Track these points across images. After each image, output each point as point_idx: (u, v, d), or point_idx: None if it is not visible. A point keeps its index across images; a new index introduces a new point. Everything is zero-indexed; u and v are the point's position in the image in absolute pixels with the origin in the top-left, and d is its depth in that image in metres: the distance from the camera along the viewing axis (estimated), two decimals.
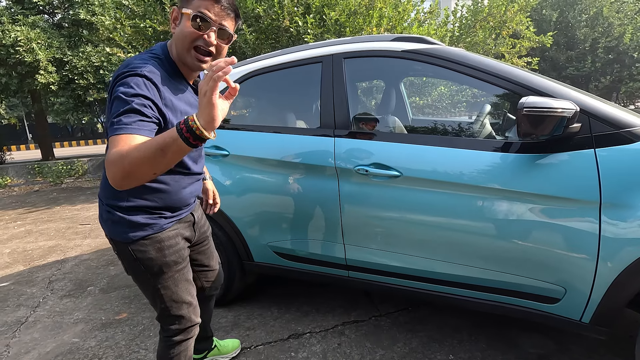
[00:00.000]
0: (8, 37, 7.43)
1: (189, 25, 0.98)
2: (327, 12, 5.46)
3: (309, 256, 1.84)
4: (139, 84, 0.92)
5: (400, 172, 1.52)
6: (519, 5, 7.12)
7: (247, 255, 2.02)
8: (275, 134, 1.86)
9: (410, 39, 1.66)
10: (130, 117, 0.88)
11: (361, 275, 1.75)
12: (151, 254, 1.09)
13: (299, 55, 1.87)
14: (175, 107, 0.99)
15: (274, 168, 1.83)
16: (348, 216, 1.66)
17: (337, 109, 1.71)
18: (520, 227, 1.37)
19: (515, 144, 1.39)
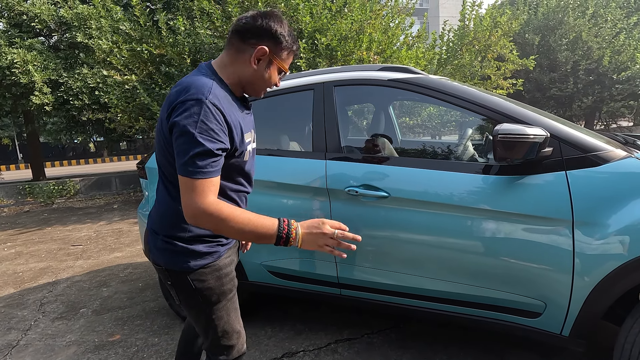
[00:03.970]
0: (4, 60, 7.53)
1: (275, 75, 1.06)
2: (318, 37, 5.68)
3: (302, 275, 1.89)
4: (207, 114, 0.90)
5: (388, 193, 1.60)
6: (502, 31, 7.47)
7: (241, 275, 2.06)
8: (270, 157, 1.95)
9: (395, 69, 1.78)
10: (204, 160, 0.90)
11: (353, 293, 1.80)
12: (210, 283, 1.06)
13: (291, 82, 1.98)
14: (235, 123, 0.99)
15: (267, 189, 1.90)
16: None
17: (328, 133, 1.80)
18: (502, 245, 1.45)
19: (495, 166, 1.49)
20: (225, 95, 0.99)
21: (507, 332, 1.52)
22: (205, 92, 0.93)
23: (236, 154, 1.01)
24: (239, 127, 1.01)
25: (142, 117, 6.34)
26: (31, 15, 8.17)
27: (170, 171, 1.01)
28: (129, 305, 2.67)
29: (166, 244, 1.05)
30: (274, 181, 1.89)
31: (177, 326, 2.31)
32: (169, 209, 1.04)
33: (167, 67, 6.34)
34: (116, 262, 3.73)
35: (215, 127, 0.92)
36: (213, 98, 0.93)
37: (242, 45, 1.01)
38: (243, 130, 1.03)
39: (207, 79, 0.98)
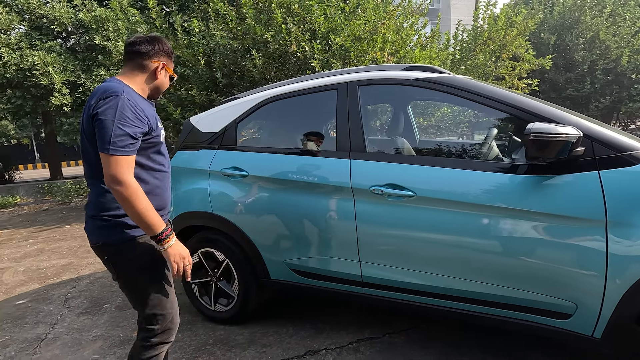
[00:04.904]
0: (26, 62, 7.74)
1: (168, 80, 1.43)
2: (332, 38, 5.69)
3: (325, 273, 1.90)
4: (124, 106, 1.17)
5: (414, 192, 1.60)
6: (518, 30, 7.37)
7: (264, 273, 2.09)
8: (293, 156, 1.97)
9: (420, 68, 1.78)
10: (122, 141, 1.15)
11: (376, 292, 1.80)
12: (142, 251, 1.25)
13: (314, 82, 2.00)
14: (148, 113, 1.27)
15: (291, 188, 1.92)
16: (363, 234, 1.74)
17: (352, 132, 1.81)
18: (531, 245, 1.44)
19: (523, 165, 1.48)
20: (137, 95, 1.28)
21: (535, 333, 1.50)
22: (120, 90, 1.20)
23: (153, 133, 1.28)
24: (153, 116, 1.31)
25: None
26: (51, 18, 8.38)
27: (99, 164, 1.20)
28: None
29: (103, 221, 1.24)
30: (296, 180, 1.90)
31: (198, 322, 2.34)
32: (101, 193, 1.25)
33: (182, 68, 6.43)
34: None
35: (131, 115, 1.18)
36: (127, 94, 1.20)
37: (146, 63, 1.33)
38: (157, 119, 1.33)
39: (120, 84, 1.24)
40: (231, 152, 2.16)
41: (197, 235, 2.29)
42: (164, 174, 1.36)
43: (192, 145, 2.34)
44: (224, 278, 2.24)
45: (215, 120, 2.27)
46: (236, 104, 2.23)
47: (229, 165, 2.12)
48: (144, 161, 1.28)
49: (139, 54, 1.32)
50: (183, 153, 2.37)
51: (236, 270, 2.15)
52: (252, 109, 2.14)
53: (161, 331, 1.30)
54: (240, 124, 2.18)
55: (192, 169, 2.28)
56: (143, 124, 1.21)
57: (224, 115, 2.24)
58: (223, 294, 2.25)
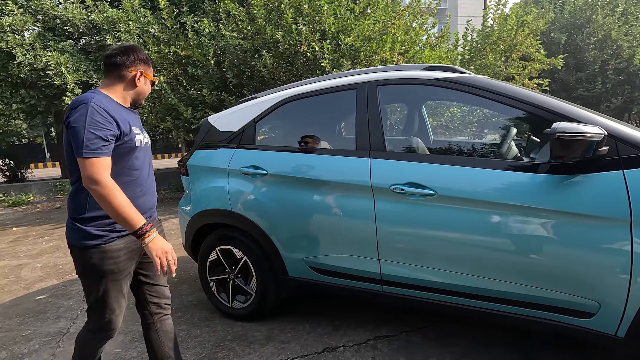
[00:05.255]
0: (39, 62, 7.87)
1: (149, 85, 1.52)
2: (342, 38, 5.71)
3: (344, 271, 1.92)
4: (93, 112, 1.24)
5: (434, 191, 1.62)
6: (530, 29, 7.32)
7: (282, 270, 2.11)
8: (313, 155, 1.99)
9: (440, 68, 1.80)
10: (94, 144, 1.23)
11: (395, 290, 1.82)
12: (94, 261, 1.33)
13: (333, 82, 2.02)
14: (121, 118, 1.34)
15: (311, 186, 1.95)
16: (383, 232, 1.76)
17: (372, 131, 1.83)
18: (554, 244, 1.44)
19: (545, 165, 1.48)
20: (110, 102, 1.34)
21: (557, 332, 1.51)
22: (90, 98, 1.27)
23: (126, 138, 1.34)
24: (127, 121, 1.35)
25: (168, 117, 6.50)
26: (64, 19, 8.50)
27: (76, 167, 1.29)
28: None
29: (71, 224, 1.36)
30: (315, 178, 1.93)
31: (216, 319, 2.38)
32: (73, 197, 1.36)
33: (193, 68, 6.49)
34: None
35: (101, 120, 1.25)
36: (97, 101, 1.27)
37: (123, 72, 1.40)
38: (131, 124, 1.37)
39: (92, 94, 1.32)
40: (250, 151, 2.19)
41: (215, 232, 2.33)
42: (139, 179, 1.42)
43: (210, 144, 2.37)
44: (242, 275, 2.27)
45: (234, 120, 2.31)
46: (254, 104, 2.26)
47: (247, 164, 2.15)
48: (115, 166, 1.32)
49: (116, 66, 1.40)
50: (201, 152, 2.41)
51: (254, 267, 2.18)
52: (271, 108, 2.16)
53: (100, 329, 1.41)
54: (259, 123, 2.21)
55: (211, 168, 2.31)
56: (113, 126, 1.28)
57: (243, 115, 2.28)
58: (240, 291, 2.28)
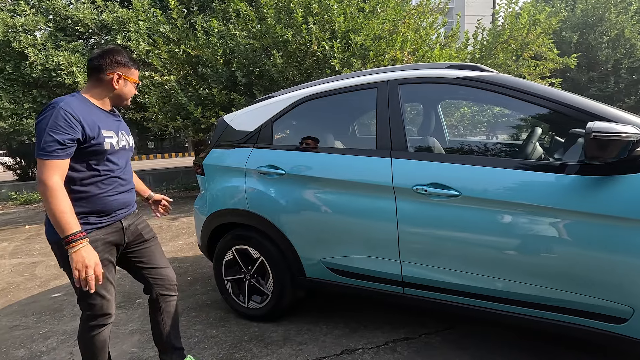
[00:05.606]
0: (51, 62, 7.94)
1: (132, 87, 1.55)
2: (352, 37, 5.68)
3: (364, 272, 1.90)
4: (57, 116, 1.30)
5: (459, 192, 1.59)
6: (542, 28, 7.22)
7: (299, 271, 2.09)
8: (332, 155, 1.97)
9: (464, 67, 1.76)
10: (51, 147, 1.28)
11: (417, 292, 1.79)
12: None
13: (352, 81, 1.99)
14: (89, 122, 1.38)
15: (330, 187, 1.93)
16: (405, 233, 1.73)
17: (393, 131, 1.81)
18: (585, 247, 1.41)
19: (574, 165, 1.45)
20: (81, 105, 1.39)
21: (588, 337, 1.47)
22: (59, 102, 1.33)
23: (93, 141, 1.38)
24: (96, 125, 1.39)
25: (178, 117, 6.53)
26: (75, 19, 8.57)
27: None
28: (181, 298, 2.76)
29: (48, 221, 1.39)
30: (335, 179, 1.90)
31: (232, 319, 2.37)
32: None
33: (203, 68, 6.51)
34: None
35: (63, 124, 1.29)
36: (64, 105, 1.32)
37: (101, 76, 1.46)
38: (101, 128, 1.41)
39: (67, 97, 1.37)
40: (267, 150, 2.17)
41: (231, 232, 2.32)
42: (112, 180, 1.48)
43: (226, 144, 2.36)
44: (258, 275, 2.26)
45: (251, 119, 2.29)
46: (272, 103, 2.25)
47: (265, 163, 2.14)
48: (82, 167, 1.40)
49: (93, 69, 1.46)
50: (217, 151, 2.40)
51: (271, 268, 2.17)
52: (289, 107, 2.15)
53: (93, 316, 1.48)
54: (276, 123, 2.20)
55: (227, 167, 2.30)
56: (74, 131, 1.32)
57: (260, 114, 2.26)
58: (257, 291, 2.27)
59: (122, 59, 1.49)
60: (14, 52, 8.26)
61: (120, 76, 1.48)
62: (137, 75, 1.56)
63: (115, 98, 1.52)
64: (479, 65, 1.74)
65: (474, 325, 2.11)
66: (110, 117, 1.51)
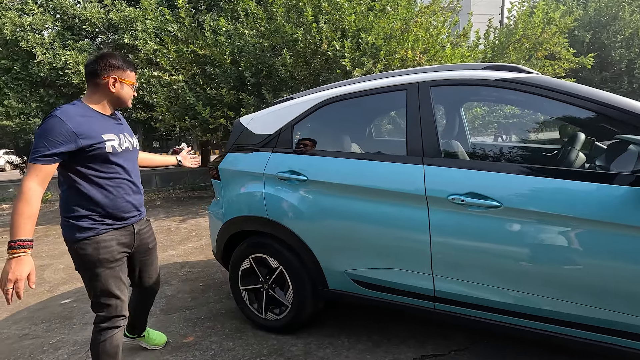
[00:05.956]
0: (59, 61, 7.90)
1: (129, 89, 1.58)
2: (363, 36, 5.57)
3: (391, 286, 1.79)
4: (53, 125, 1.36)
5: (500, 203, 1.48)
6: (557, 27, 7.06)
7: (321, 282, 1.99)
8: (358, 160, 1.86)
9: (502, 68, 1.65)
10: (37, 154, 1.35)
11: (449, 308, 1.68)
12: (89, 251, 1.47)
13: (379, 83, 1.89)
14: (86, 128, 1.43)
15: (356, 194, 1.82)
16: (439, 246, 1.62)
17: (425, 136, 1.70)
18: (634, 264, 1.29)
19: (628, 175, 1.33)
20: (78, 111, 1.45)
21: None
22: (57, 111, 1.40)
23: (94, 146, 1.44)
24: (95, 131, 1.45)
25: (186, 117, 6.45)
26: (83, 18, 8.52)
27: (60, 170, 1.46)
28: (194, 306, 2.67)
29: (65, 221, 1.50)
30: (361, 186, 1.80)
31: (249, 330, 2.27)
32: (64, 196, 1.50)
33: (212, 67, 6.42)
34: (172, 260, 3.78)
35: (54, 133, 1.35)
36: (61, 114, 1.39)
37: (97, 80, 1.51)
38: (100, 132, 1.47)
39: (66, 105, 1.45)
40: (288, 155, 2.07)
41: (248, 240, 2.22)
42: (119, 182, 1.54)
43: (243, 147, 2.26)
44: (277, 285, 2.16)
45: (269, 122, 2.19)
46: (292, 105, 2.14)
47: (285, 168, 2.03)
48: (89, 171, 1.46)
49: (89, 75, 1.52)
50: (233, 155, 2.30)
51: (291, 278, 2.07)
52: (311, 110, 2.04)
53: (107, 319, 1.55)
54: (297, 126, 2.09)
55: (245, 172, 2.20)
56: (66, 140, 1.37)
57: (279, 117, 2.16)
58: (275, 302, 2.17)
59: (116, 62, 1.52)
60: (22, 51, 8.22)
61: (115, 79, 1.51)
62: (133, 77, 1.58)
63: (114, 101, 1.57)
64: (518, 66, 1.63)
65: (505, 340, 2.00)
66: (110, 120, 1.56)
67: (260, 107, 6.18)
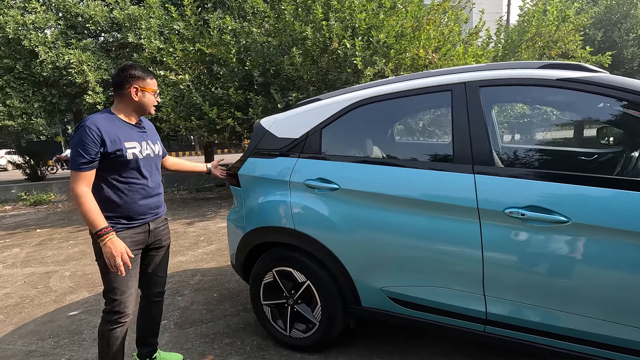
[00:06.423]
0: (61, 60, 7.75)
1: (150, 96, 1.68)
2: (374, 35, 5.40)
3: (435, 306, 1.63)
4: (84, 133, 1.49)
5: (568, 218, 1.32)
6: (574, 25, 6.88)
7: (353, 299, 1.84)
8: (396, 167, 1.70)
9: (563, 66, 1.49)
10: (78, 161, 1.49)
11: (502, 332, 1.53)
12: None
13: (419, 83, 1.73)
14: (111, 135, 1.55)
15: (394, 205, 1.66)
16: (493, 264, 1.46)
17: (475, 141, 1.54)
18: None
19: None
20: (106, 120, 1.58)
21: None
22: (86, 120, 1.53)
23: (118, 153, 1.56)
24: (118, 138, 1.56)
25: (193, 117, 6.29)
26: (86, 17, 8.37)
27: None
28: (210, 320, 2.52)
29: None
30: (401, 196, 1.64)
31: (271, 348, 2.12)
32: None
33: (218, 66, 6.26)
34: (182, 267, 3.63)
35: (87, 140, 1.49)
36: (89, 122, 1.52)
37: (122, 91, 1.62)
38: (123, 139, 1.58)
39: (96, 114, 1.58)
40: (316, 161, 1.91)
41: (272, 252, 2.06)
42: (139, 186, 1.64)
43: (266, 152, 2.11)
44: (303, 301, 2.00)
45: (295, 125, 2.03)
46: (319, 107, 1.99)
47: (313, 176, 1.88)
48: (110, 177, 1.59)
49: (114, 86, 1.63)
50: (255, 160, 2.14)
51: (319, 294, 1.91)
52: (342, 112, 1.88)
53: (113, 311, 1.63)
54: (326, 130, 1.93)
55: (268, 179, 2.05)
56: (97, 146, 1.50)
57: (306, 120, 2.00)
58: (301, 318, 2.02)
59: (136, 72, 1.62)
60: (24, 51, 8.06)
61: (137, 89, 1.62)
62: (154, 84, 1.67)
63: (137, 109, 1.67)
64: (582, 65, 1.47)
65: None
66: (134, 129, 1.67)
67: (269, 107, 6.02)
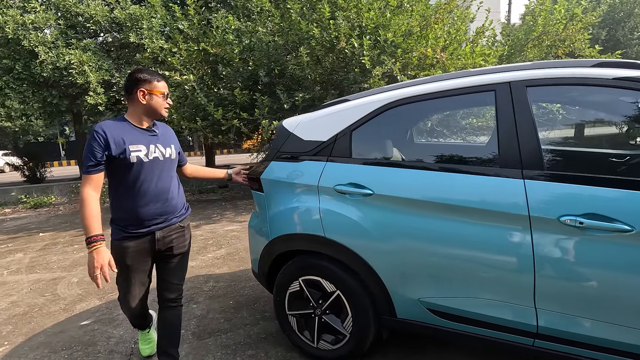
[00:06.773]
0: (62, 60, 7.62)
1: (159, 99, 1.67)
2: (381, 33, 5.31)
3: (479, 318, 1.55)
4: (93, 138, 1.54)
5: (632, 227, 1.23)
6: (582, 23, 6.82)
7: (388, 310, 1.75)
8: (435, 172, 1.62)
9: (618, 65, 1.41)
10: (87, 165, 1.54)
11: (552, 346, 1.44)
12: (115, 251, 1.66)
13: (457, 82, 1.64)
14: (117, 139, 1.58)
15: (434, 212, 1.57)
16: (545, 275, 1.38)
17: (523, 144, 1.45)
18: None
19: None
20: (115, 124, 1.61)
21: None
22: (96, 126, 1.57)
23: (121, 156, 1.58)
24: (121, 141, 1.58)
25: (197, 118, 6.18)
26: (86, 16, 8.23)
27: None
28: (229, 329, 2.42)
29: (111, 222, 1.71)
30: (443, 203, 1.55)
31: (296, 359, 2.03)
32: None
33: (223, 67, 6.16)
34: (194, 272, 3.53)
35: (95, 144, 1.54)
36: (98, 127, 1.56)
37: (130, 95, 1.65)
38: (127, 142, 1.59)
39: (107, 120, 1.61)
40: (346, 165, 1.82)
41: (298, 260, 1.97)
42: (141, 191, 1.64)
43: (291, 156, 2.01)
44: (331, 312, 1.91)
45: (322, 127, 1.94)
46: (349, 108, 1.90)
47: (344, 181, 1.79)
48: (115, 180, 1.63)
49: (125, 92, 1.67)
50: (279, 164, 2.05)
51: (350, 304, 1.82)
52: (374, 113, 1.79)
53: (121, 301, 1.81)
54: (357, 132, 1.84)
55: (294, 184, 1.95)
56: (102, 149, 1.54)
57: (334, 121, 1.91)
58: (329, 329, 1.93)
59: (142, 75, 1.63)
60: (24, 51, 7.93)
61: (144, 92, 1.63)
62: (162, 86, 1.66)
63: (148, 113, 1.67)
64: (637, 62, 1.39)
65: None
66: (144, 133, 1.67)
67: (274, 108, 5.93)
